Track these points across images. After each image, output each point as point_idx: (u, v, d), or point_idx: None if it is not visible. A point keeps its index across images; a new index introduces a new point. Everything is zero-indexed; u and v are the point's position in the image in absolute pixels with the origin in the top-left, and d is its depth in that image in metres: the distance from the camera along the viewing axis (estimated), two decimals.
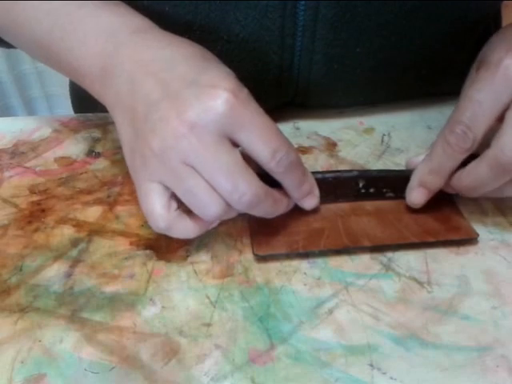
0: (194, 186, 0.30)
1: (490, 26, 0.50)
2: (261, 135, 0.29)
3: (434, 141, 0.35)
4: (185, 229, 0.32)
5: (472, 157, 0.33)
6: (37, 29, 0.36)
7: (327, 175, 0.37)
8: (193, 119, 0.28)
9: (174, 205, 0.31)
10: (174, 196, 0.31)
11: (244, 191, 0.29)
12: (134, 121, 0.31)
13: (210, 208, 0.30)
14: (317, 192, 0.35)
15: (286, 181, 0.32)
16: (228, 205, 0.30)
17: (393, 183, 0.37)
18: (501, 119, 0.32)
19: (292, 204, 0.35)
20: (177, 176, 0.30)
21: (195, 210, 0.31)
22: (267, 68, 0.42)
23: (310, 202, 0.35)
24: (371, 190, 0.37)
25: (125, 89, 0.32)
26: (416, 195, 0.36)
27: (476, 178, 0.33)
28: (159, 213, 0.31)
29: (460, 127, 0.32)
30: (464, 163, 0.34)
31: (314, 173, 0.36)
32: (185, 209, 0.31)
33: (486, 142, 0.32)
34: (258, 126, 0.29)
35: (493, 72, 0.32)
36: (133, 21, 0.34)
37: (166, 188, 0.31)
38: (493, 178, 0.32)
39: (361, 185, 0.37)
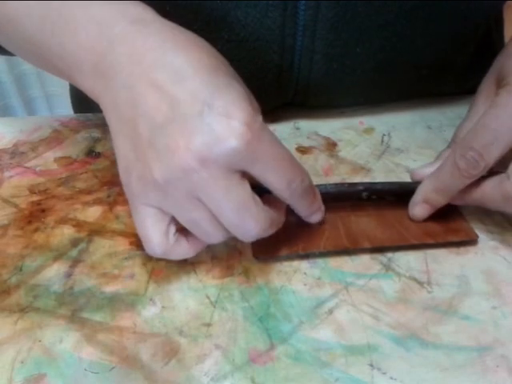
0: (199, 218, 0.28)
1: (491, 27, 0.50)
2: (275, 167, 0.28)
3: (444, 160, 0.34)
4: (182, 252, 0.31)
5: None
6: (28, 24, 0.33)
7: (330, 189, 0.36)
8: (204, 153, 0.26)
9: (173, 229, 0.30)
10: (173, 219, 0.29)
11: (251, 228, 0.28)
12: (135, 139, 0.28)
13: (214, 237, 0.30)
14: (323, 208, 0.34)
15: (298, 205, 0.32)
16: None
17: (396, 193, 0.37)
18: None
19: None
20: (180, 206, 0.28)
21: (198, 236, 0.30)
22: (267, 67, 0.42)
23: (316, 217, 0.34)
24: (373, 197, 0.37)
25: (123, 96, 0.28)
26: (419, 210, 0.35)
27: (484, 197, 0.33)
28: (157, 241, 0.29)
29: (472, 154, 0.32)
30: None
31: (318, 185, 0.36)
32: (182, 228, 0.30)
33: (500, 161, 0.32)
34: (272, 158, 0.28)
35: None
36: (131, 9, 0.30)
37: (165, 213, 0.29)
38: (500, 203, 0.32)
39: (364, 194, 0.36)
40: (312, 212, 0.34)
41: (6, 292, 0.32)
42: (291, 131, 0.47)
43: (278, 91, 0.45)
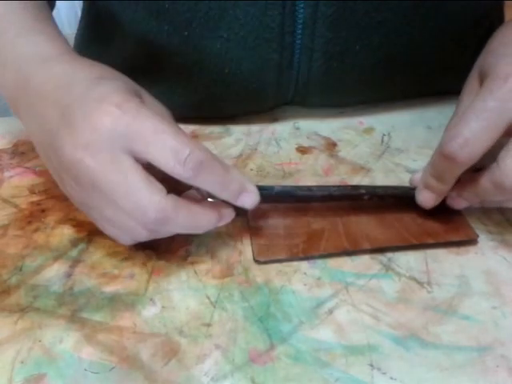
0: (102, 212, 0.29)
1: (493, 25, 0.50)
2: (155, 141, 0.28)
3: (437, 147, 0.34)
4: (192, 220, 0.30)
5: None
6: None
7: (333, 191, 0.36)
8: (83, 141, 0.28)
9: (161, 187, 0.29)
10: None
11: (145, 209, 0.28)
12: (49, 157, 0.31)
13: (120, 237, 0.31)
14: (251, 188, 0.31)
15: (205, 184, 0.29)
16: (141, 229, 0.29)
17: (398, 198, 0.37)
18: (509, 133, 0.31)
19: (229, 213, 0.32)
20: (93, 202, 0.30)
21: (112, 235, 0.31)
22: (267, 66, 0.42)
23: (247, 200, 0.31)
24: (374, 199, 0.37)
25: (35, 127, 0.32)
26: (422, 197, 0.35)
27: (478, 190, 0.33)
28: (149, 199, 0.28)
29: (458, 141, 0.31)
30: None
31: (320, 187, 0.36)
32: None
33: (492, 152, 0.32)
34: (152, 133, 0.28)
35: (500, 85, 0.31)
36: (43, 50, 0.34)
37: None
38: (494, 194, 0.32)
39: (365, 197, 0.36)
40: (234, 194, 0.31)
41: (6, 292, 0.32)
42: (291, 131, 0.47)
43: (277, 89, 0.45)
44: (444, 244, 0.35)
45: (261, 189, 0.32)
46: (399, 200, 0.37)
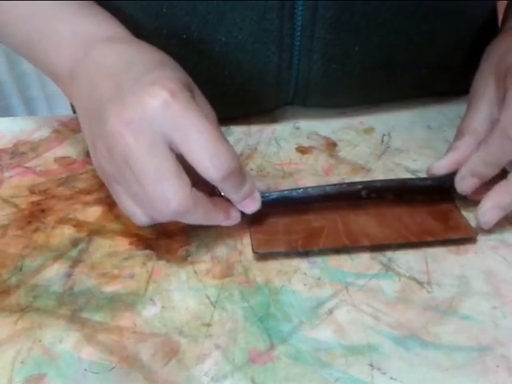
0: (129, 185, 0.30)
1: (487, 26, 0.50)
2: (198, 140, 0.29)
3: (491, 134, 0.34)
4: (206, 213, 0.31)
5: None
6: (16, 30, 0.37)
7: (329, 190, 0.36)
8: (129, 116, 0.28)
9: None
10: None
11: (169, 200, 0.29)
12: (91, 124, 0.32)
13: (137, 216, 0.31)
14: (257, 195, 0.33)
15: (225, 187, 0.31)
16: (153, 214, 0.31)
17: (396, 190, 0.37)
18: None
19: (236, 216, 0.34)
20: (121, 175, 0.30)
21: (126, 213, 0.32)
22: (266, 68, 0.42)
23: (250, 206, 0.33)
24: (373, 196, 0.37)
25: (85, 92, 0.32)
26: (466, 184, 0.36)
27: (489, 151, 0.34)
28: (176, 194, 0.29)
29: None
30: None
31: (316, 187, 0.36)
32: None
33: None
34: (196, 130, 0.28)
35: None
36: (107, 30, 0.35)
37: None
38: (502, 153, 0.34)
39: (363, 193, 0.36)
40: (243, 197, 0.33)
41: (6, 292, 0.32)
42: (291, 131, 0.47)
43: (277, 92, 0.45)
44: (443, 242, 0.35)
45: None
46: (398, 195, 0.37)
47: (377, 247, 0.35)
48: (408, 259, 0.34)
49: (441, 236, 0.35)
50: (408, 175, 0.41)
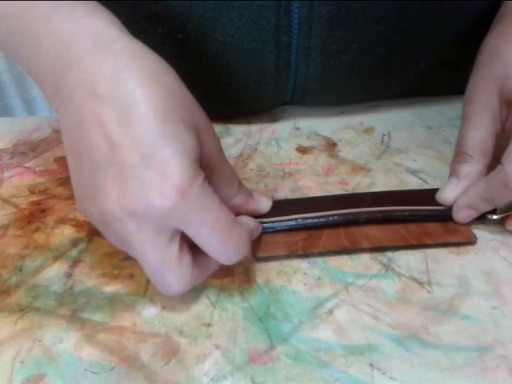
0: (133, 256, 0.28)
1: (488, 24, 0.50)
2: (210, 235, 0.27)
3: (494, 172, 0.33)
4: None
5: None
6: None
7: (334, 220, 0.35)
8: (133, 207, 0.25)
9: (181, 249, 0.28)
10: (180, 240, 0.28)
11: (170, 286, 0.28)
12: (79, 171, 0.28)
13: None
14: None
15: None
16: None
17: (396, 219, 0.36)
18: None
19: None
20: (118, 243, 0.29)
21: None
22: (264, 67, 0.42)
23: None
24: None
25: (73, 124, 0.27)
26: (463, 214, 0.35)
27: (487, 194, 0.34)
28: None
29: None
30: None
31: (316, 216, 0.35)
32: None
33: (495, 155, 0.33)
34: (209, 227, 0.27)
35: None
36: (94, 25, 0.28)
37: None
38: (503, 195, 0.33)
39: (362, 220, 0.36)
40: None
41: (6, 292, 0.32)
42: (291, 131, 0.47)
43: (276, 90, 0.45)
44: (443, 244, 0.35)
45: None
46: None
47: (376, 248, 0.35)
48: (408, 259, 0.34)
49: (440, 239, 0.35)
50: (408, 175, 0.41)
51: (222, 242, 0.28)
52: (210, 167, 0.29)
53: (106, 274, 0.33)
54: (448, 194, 0.36)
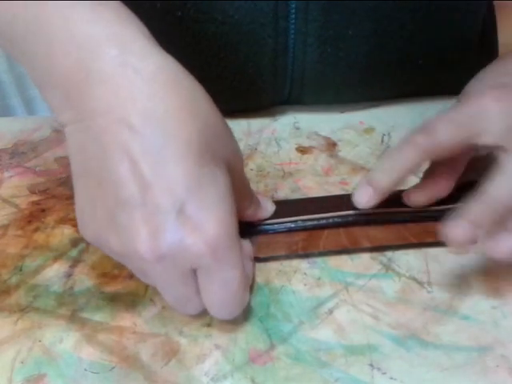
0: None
1: (486, 23, 0.50)
2: (219, 290, 0.27)
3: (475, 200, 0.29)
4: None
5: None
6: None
7: (331, 222, 0.35)
8: (163, 251, 0.25)
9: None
10: None
11: (189, 313, 0.29)
12: (95, 200, 0.25)
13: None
14: None
15: None
16: None
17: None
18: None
19: None
20: (139, 274, 0.29)
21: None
22: (262, 52, 0.42)
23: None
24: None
25: (92, 149, 0.25)
26: (455, 234, 0.30)
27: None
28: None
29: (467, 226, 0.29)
30: None
31: (321, 218, 0.35)
32: None
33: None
34: (223, 281, 0.27)
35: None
36: (123, 33, 0.25)
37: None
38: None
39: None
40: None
41: (6, 292, 0.32)
42: (291, 131, 0.47)
43: (274, 79, 0.45)
44: (443, 243, 0.35)
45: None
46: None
47: (377, 247, 0.35)
48: (408, 259, 0.34)
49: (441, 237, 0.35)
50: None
51: (224, 302, 0.28)
52: (233, 186, 0.28)
53: (106, 273, 0.33)
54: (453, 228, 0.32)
